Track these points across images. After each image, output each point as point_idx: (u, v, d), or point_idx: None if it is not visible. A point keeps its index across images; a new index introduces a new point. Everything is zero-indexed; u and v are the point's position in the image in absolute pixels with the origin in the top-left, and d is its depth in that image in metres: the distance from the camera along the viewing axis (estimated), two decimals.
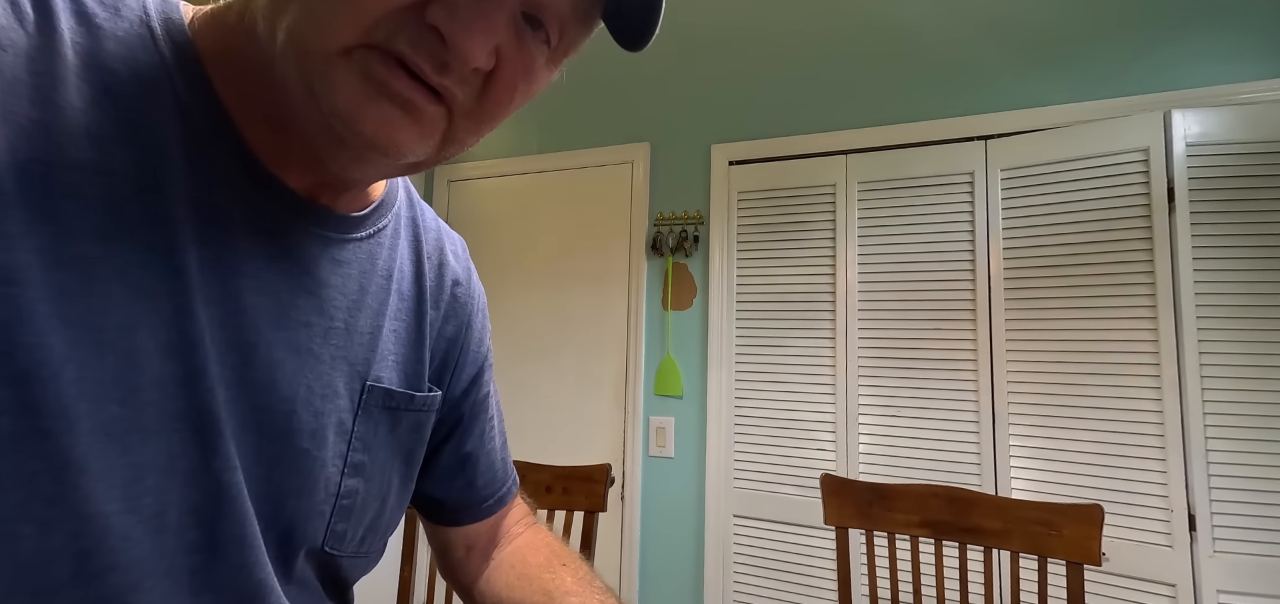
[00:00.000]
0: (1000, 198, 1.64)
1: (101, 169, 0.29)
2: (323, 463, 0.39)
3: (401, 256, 0.46)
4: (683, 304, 1.97)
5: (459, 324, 0.52)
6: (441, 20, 0.29)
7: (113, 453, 0.29)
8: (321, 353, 0.39)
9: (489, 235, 2.30)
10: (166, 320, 0.31)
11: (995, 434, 1.59)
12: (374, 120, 0.30)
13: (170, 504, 0.32)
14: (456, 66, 0.30)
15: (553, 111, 2.23)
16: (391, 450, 0.45)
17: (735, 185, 1.94)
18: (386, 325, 0.44)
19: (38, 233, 0.27)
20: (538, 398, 2.16)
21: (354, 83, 0.29)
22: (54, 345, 0.27)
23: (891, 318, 1.73)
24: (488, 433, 0.57)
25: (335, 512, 0.41)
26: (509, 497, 0.60)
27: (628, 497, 2.00)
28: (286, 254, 0.37)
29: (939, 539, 1.15)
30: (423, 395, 0.47)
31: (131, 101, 0.31)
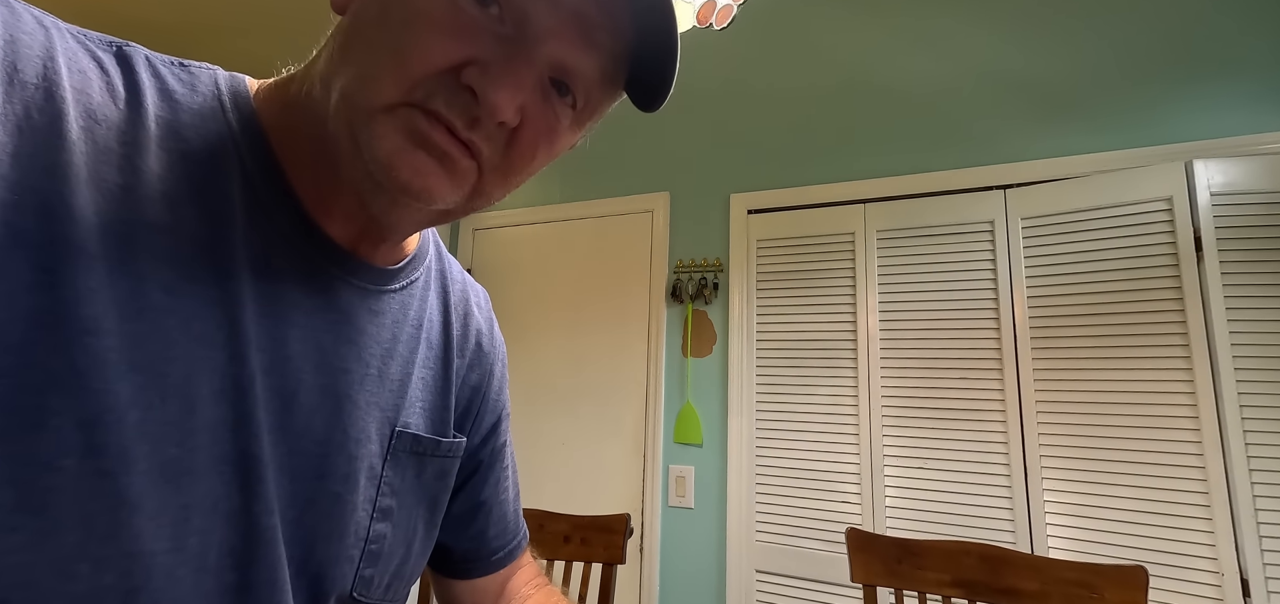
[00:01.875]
0: (1022, 246, 1.63)
1: (173, 227, 0.32)
2: (353, 506, 0.40)
3: (431, 307, 0.49)
4: (702, 351, 1.97)
5: (482, 373, 0.54)
6: (474, 79, 0.32)
7: (166, 493, 0.30)
8: (357, 398, 0.41)
9: (512, 282, 2.33)
10: (221, 367, 0.33)
11: (1028, 489, 1.54)
12: (410, 168, 0.33)
13: (212, 545, 0.33)
14: (485, 121, 0.33)
15: (575, 162, 2.29)
16: (417, 496, 0.46)
17: (754, 233, 1.95)
18: (416, 373, 0.46)
19: (117, 287, 0.29)
20: (557, 444, 2.14)
21: (395, 135, 0.32)
22: (121, 391, 0.29)
23: (915, 366, 1.70)
24: (502, 483, 0.58)
25: (364, 557, 0.42)
26: (519, 551, 0.60)
27: (646, 548, 1.96)
28: (329, 304, 0.39)
29: (972, 600, 1.11)
30: (448, 441, 0.48)
31: (201, 165, 0.34)
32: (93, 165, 0.30)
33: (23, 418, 0.26)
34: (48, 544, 0.27)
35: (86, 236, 0.28)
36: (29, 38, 0.29)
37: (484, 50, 0.32)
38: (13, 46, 0.28)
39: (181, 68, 0.36)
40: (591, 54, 0.35)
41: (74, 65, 0.30)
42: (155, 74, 0.34)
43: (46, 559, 0.27)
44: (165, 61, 0.35)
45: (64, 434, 0.27)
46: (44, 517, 0.27)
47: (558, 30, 0.33)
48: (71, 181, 0.28)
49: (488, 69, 0.32)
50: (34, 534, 0.26)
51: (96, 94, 0.31)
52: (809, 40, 1.97)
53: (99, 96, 0.31)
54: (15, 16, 0.29)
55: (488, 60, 0.32)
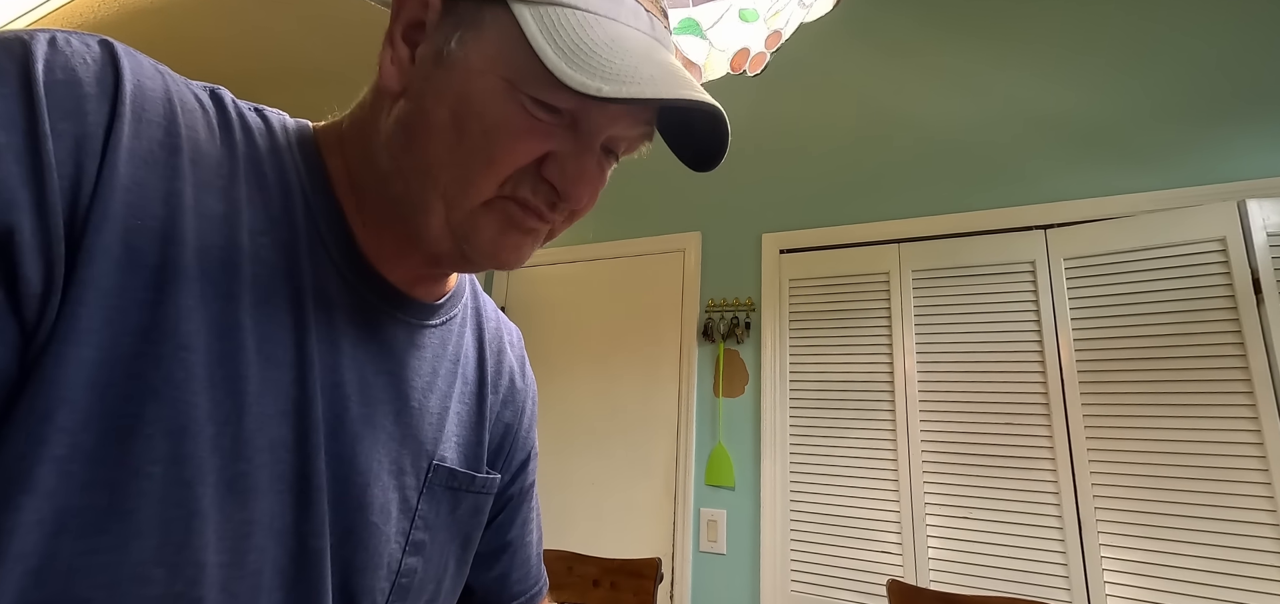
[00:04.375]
0: (1066, 287, 1.58)
1: (255, 255, 0.35)
2: (387, 538, 0.41)
3: (467, 343, 0.50)
4: (734, 391, 1.94)
5: (515, 411, 0.55)
6: (555, 177, 0.37)
7: (231, 507, 0.32)
8: (394, 431, 0.42)
9: (544, 321, 2.36)
10: (287, 388, 0.35)
11: (1083, 543, 1.45)
12: (509, 249, 0.39)
13: (266, 563, 0.34)
14: (563, 208, 0.39)
15: (607, 202, 2.32)
16: (450, 532, 0.46)
17: (787, 273, 1.94)
18: (453, 407, 0.47)
19: (209, 307, 0.32)
20: (586, 485, 2.13)
21: (495, 225, 0.38)
22: (202, 404, 0.31)
23: (956, 410, 1.65)
24: (527, 524, 0.57)
25: (394, 590, 0.42)
26: (539, 597, 0.59)
27: (677, 595, 1.91)
28: (374, 337, 0.41)
29: None
30: (483, 477, 0.49)
31: (275, 201, 0.37)
32: (197, 194, 0.33)
33: (124, 426, 0.28)
34: (131, 547, 0.28)
35: (190, 260, 0.31)
36: (150, 81, 0.32)
37: (557, 144, 0.37)
38: (140, 90, 0.31)
39: (257, 111, 0.40)
40: (638, 127, 0.40)
41: (185, 104, 0.34)
42: (240, 115, 0.38)
43: (128, 562, 0.28)
44: (246, 105, 0.39)
45: (154, 442, 0.29)
46: (130, 521, 0.28)
47: (610, 122, 0.38)
48: (183, 210, 0.32)
49: (564, 165, 0.37)
50: (120, 537, 0.28)
51: (201, 130, 0.34)
52: (842, 82, 1.99)
53: (204, 133, 0.34)
54: (138, 63, 0.32)
55: (561, 153, 0.37)
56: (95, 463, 0.27)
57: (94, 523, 0.27)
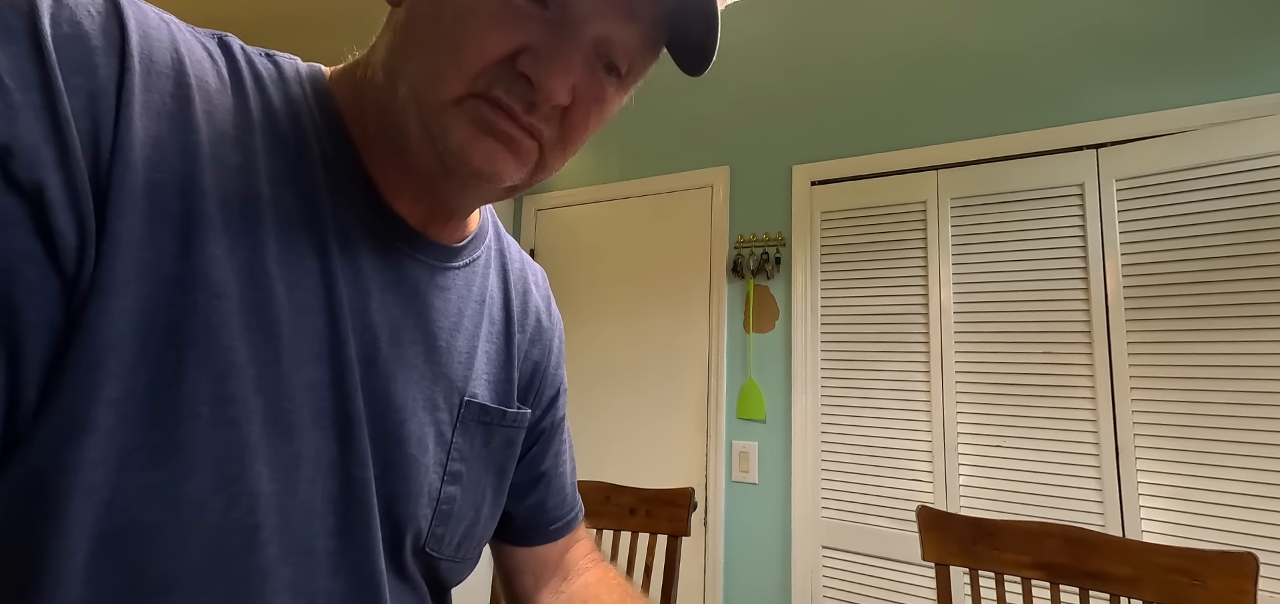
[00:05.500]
0: (1116, 210, 1.51)
1: (276, 204, 0.35)
2: (426, 469, 0.43)
3: (492, 284, 0.51)
4: (765, 327, 1.95)
5: (542, 348, 0.56)
6: (529, 67, 0.34)
7: (279, 442, 0.34)
8: (426, 370, 0.43)
9: (573, 261, 2.38)
10: (320, 331, 0.36)
11: (1120, 470, 1.44)
12: (481, 155, 0.36)
13: (317, 493, 0.36)
14: (542, 105, 0.36)
15: (633, 139, 2.29)
16: (485, 463, 0.49)
17: (818, 205, 1.90)
18: (480, 347, 0.48)
19: (236, 256, 0.33)
20: (620, 420, 2.19)
21: (465, 126, 0.35)
22: (241, 348, 0.32)
23: (993, 341, 1.62)
24: (561, 456, 0.60)
25: (435, 516, 0.45)
26: (575, 522, 0.62)
27: (711, 522, 1.98)
28: (400, 280, 0.42)
29: (1055, 583, 1.06)
30: (513, 412, 0.51)
31: (290, 147, 0.37)
32: (215, 146, 0.33)
33: (168, 370, 0.30)
34: (190, 479, 0.31)
35: (213, 211, 0.32)
36: (156, 32, 0.32)
37: (534, 37, 0.34)
38: (146, 41, 0.31)
39: (268, 58, 0.39)
40: (633, 26, 0.36)
41: (192, 55, 0.34)
42: (250, 63, 0.37)
43: (188, 492, 0.31)
44: (256, 52, 0.39)
45: (200, 385, 0.31)
46: (186, 456, 0.30)
47: (601, 10, 0.35)
48: (201, 161, 0.32)
49: (539, 55, 0.34)
50: (178, 470, 0.30)
51: (212, 81, 0.34)
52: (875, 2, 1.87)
53: (214, 83, 0.34)
54: (143, 13, 0.32)
55: (538, 46, 0.34)
56: (148, 405, 0.30)
57: (154, 459, 0.30)
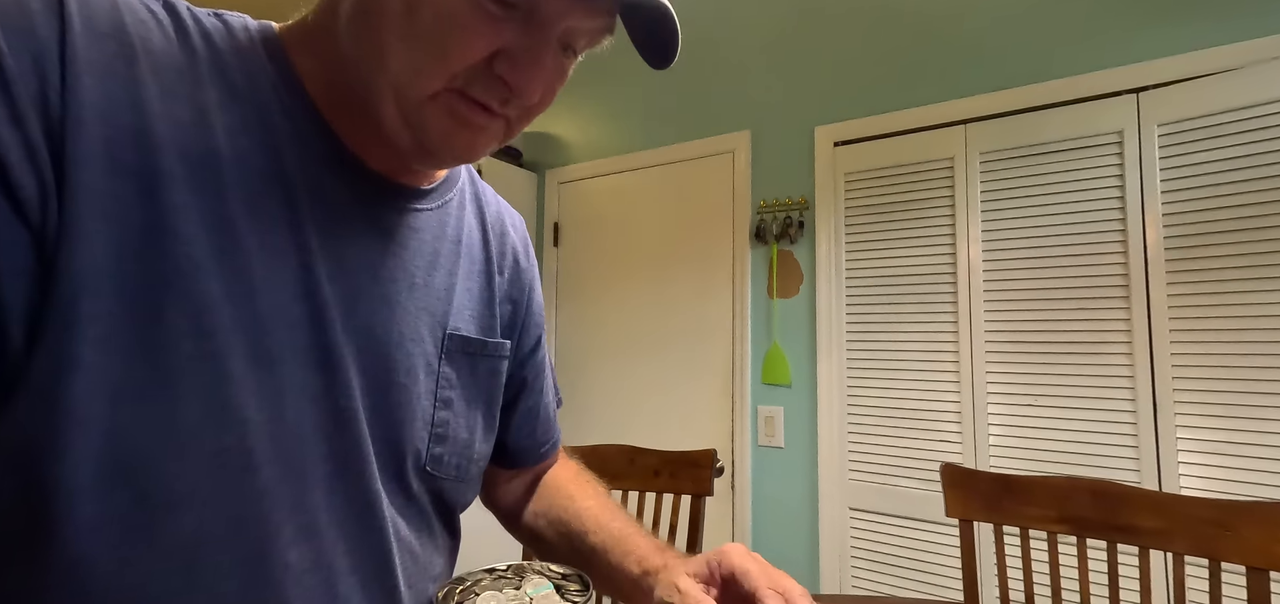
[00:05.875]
0: (1157, 157, 1.44)
1: (237, 156, 0.37)
2: (417, 395, 0.47)
3: (469, 225, 0.54)
4: (789, 291, 1.94)
5: (521, 289, 0.60)
6: (505, 71, 0.37)
7: (262, 374, 0.37)
8: (407, 304, 0.46)
9: (597, 232, 2.40)
10: (295, 274, 0.39)
11: (1158, 426, 1.40)
12: (462, 144, 0.40)
13: (305, 420, 0.39)
14: (516, 101, 0.39)
15: (654, 107, 2.28)
16: (474, 391, 0.52)
17: (841, 167, 1.87)
18: (459, 283, 0.52)
19: (199, 207, 0.35)
20: (646, 387, 2.22)
21: (444, 119, 0.38)
22: (215, 290, 0.35)
23: (1024, 299, 1.58)
24: (546, 390, 0.66)
25: (432, 438, 0.48)
26: (557, 446, 0.69)
27: (738, 487, 2.00)
28: (373, 222, 0.45)
29: (1082, 536, 1.05)
30: (495, 342, 0.54)
31: (247, 101, 0.39)
32: (164, 103, 0.35)
33: (147, 311, 0.33)
34: (179, 411, 0.34)
35: (172, 163, 0.34)
36: None
37: (508, 40, 0.37)
38: (85, 4, 0.32)
39: (216, 16, 0.40)
40: (595, 17, 0.38)
41: (135, 16, 0.35)
42: (196, 20, 0.39)
43: (180, 422, 0.34)
44: (203, 12, 0.40)
45: (178, 322, 0.34)
46: (173, 388, 0.34)
47: (565, 10, 0.37)
48: (151, 116, 0.34)
49: (516, 60, 0.37)
50: (168, 402, 0.33)
51: (156, 39, 0.35)
52: None
53: (159, 41, 0.36)
54: None
55: (513, 50, 0.37)
56: (131, 342, 0.32)
57: (143, 392, 0.33)
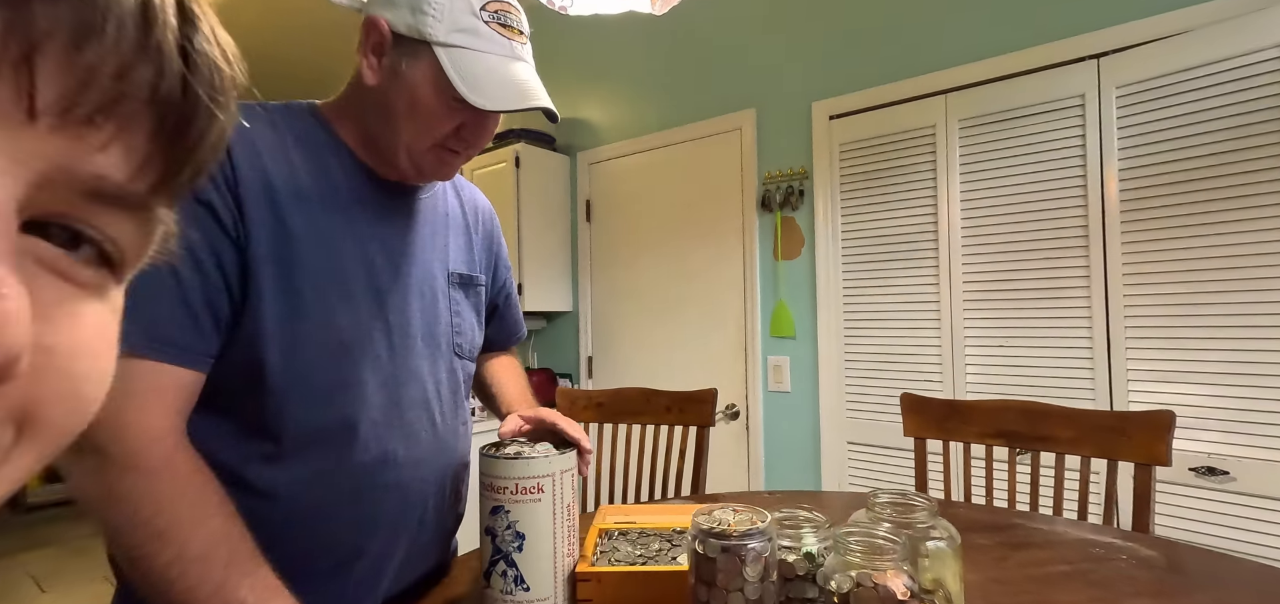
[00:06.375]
0: (1115, 118, 1.59)
1: (312, 184, 0.69)
2: (441, 311, 0.80)
3: (450, 203, 0.85)
4: (792, 254, 2.17)
5: (491, 245, 0.93)
6: (467, 138, 0.72)
7: (345, 303, 0.69)
8: (421, 257, 0.78)
9: (622, 205, 2.67)
10: (357, 246, 0.71)
11: (1110, 358, 1.59)
12: (442, 173, 0.75)
13: (394, 322, 0.74)
14: (472, 150, 0.74)
15: (669, 90, 2.50)
16: (470, 307, 0.86)
17: (836, 138, 2.06)
18: (451, 240, 0.83)
19: (300, 214, 0.67)
20: (670, 342, 2.50)
21: (433, 161, 0.72)
22: (319, 264, 0.67)
23: (996, 251, 1.77)
24: (511, 307, 1.01)
25: (454, 331, 0.82)
26: (518, 341, 1.05)
27: (751, 428, 2.28)
28: (396, 211, 0.77)
29: (1011, 447, 1.27)
30: (478, 277, 0.88)
31: (312, 151, 0.71)
32: (272, 161, 0.66)
33: (287, 274, 0.65)
34: (306, 324, 0.66)
35: (283, 194, 0.66)
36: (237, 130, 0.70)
37: (466, 119, 0.70)
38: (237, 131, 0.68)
39: (287, 106, 0.73)
40: None
41: (248, 113, 0.65)
42: (275, 111, 0.70)
43: (305, 330, 0.66)
44: (275, 104, 0.70)
45: (301, 279, 0.66)
46: (303, 313, 0.66)
47: (496, 112, 0.71)
48: (268, 171, 0.65)
49: (472, 131, 0.71)
50: (301, 321, 0.65)
51: (261, 125, 0.67)
52: None
53: (263, 127, 0.67)
54: None
55: (469, 125, 0.70)
56: (281, 291, 0.64)
57: (290, 315, 0.65)
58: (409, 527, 0.76)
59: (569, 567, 0.72)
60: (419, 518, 0.77)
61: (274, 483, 0.65)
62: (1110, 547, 0.88)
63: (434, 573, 0.84)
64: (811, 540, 0.65)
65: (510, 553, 0.69)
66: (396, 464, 0.72)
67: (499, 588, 0.70)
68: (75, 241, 0.18)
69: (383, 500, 0.72)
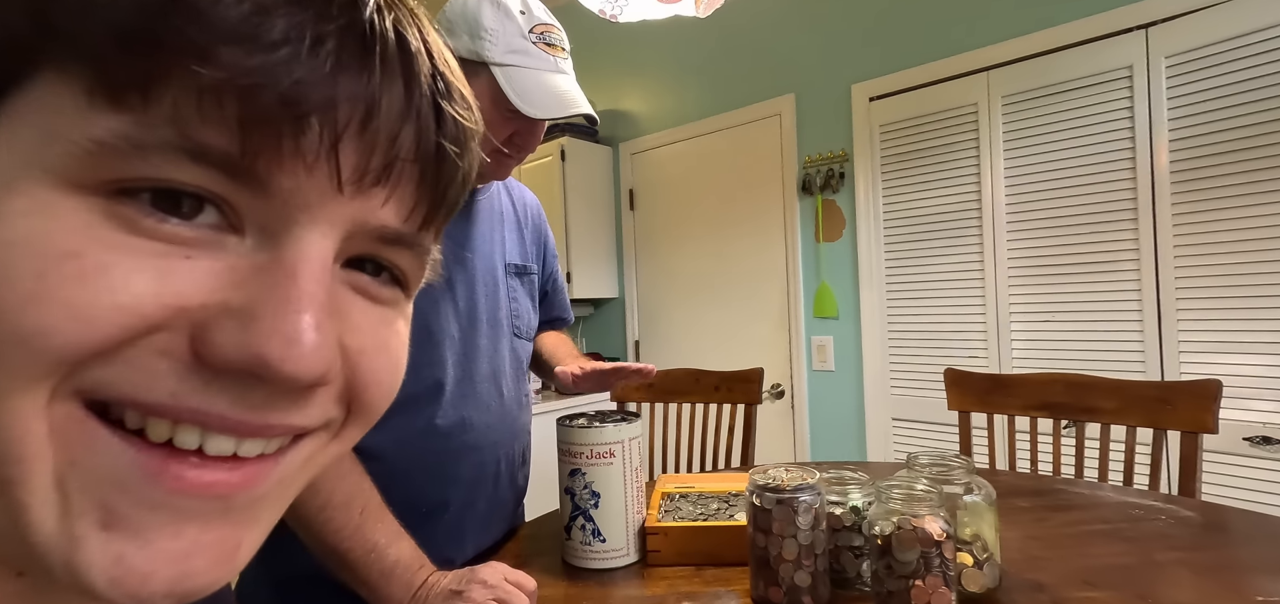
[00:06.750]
0: (1165, 88, 1.57)
1: None
2: (502, 297, 0.92)
3: (503, 203, 0.96)
4: (833, 236, 2.20)
5: (540, 240, 1.03)
6: (521, 141, 0.82)
7: (439, 303, 0.82)
8: (482, 250, 0.89)
9: (664, 194, 2.74)
10: (443, 257, 0.83)
11: (1161, 330, 1.59)
12: (500, 174, 0.86)
13: (468, 308, 0.85)
14: (523, 152, 0.84)
15: (708, 78, 2.56)
16: (526, 291, 0.97)
17: (876, 120, 2.09)
18: (507, 235, 0.95)
19: None
20: (714, 326, 2.58)
21: (492, 165, 0.80)
22: None
23: (1042, 226, 1.77)
24: (560, 293, 1.11)
25: (513, 314, 0.94)
26: (566, 324, 1.14)
27: (796, 407, 2.34)
28: (461, 213, 0.87)
29: (1056, 418, 1.30)
30: (529, 266, 0.99)
31: None
32: None
33: None
34: (438, 317, 0.79)
35: None
36: None
37: (518, 127, 0.80)
38: None
39: None
40: None
41: None
42: None
43: (438, 325, 0.79)
44: None
45: None
46: (432, 309, 0.79)
47: (544, 120, 0.82)
48: None
49: (525, 138, 0.82)
50: (433, 313, 0.78)
51: None
52: None
53: None
54: None
55: (521, 132, 0.81)
56: None
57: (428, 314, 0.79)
58: (485, 484, 0.88)
59: (639, 522, 0.82)
60: (494, 476, 0.89)
61: (373, 445, 0.76)
62: (1150, 509, 0.92)
63: (509, 536, 0.96)
64: (857, 496, 0.73)
65: (588, 509, 0.80)
66: (472, 428, 0.84)
67: (579, 540, 0.80)
68: (377, 270, 0.24)
69: (461, 459, 0.84)
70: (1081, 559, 0.76)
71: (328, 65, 0.19)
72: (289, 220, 0.20)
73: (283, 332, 0.19)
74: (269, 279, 0.19)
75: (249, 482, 0.21)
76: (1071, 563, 0.75)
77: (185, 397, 0.19)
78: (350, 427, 0.24)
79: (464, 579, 0.66)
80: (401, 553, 0.67)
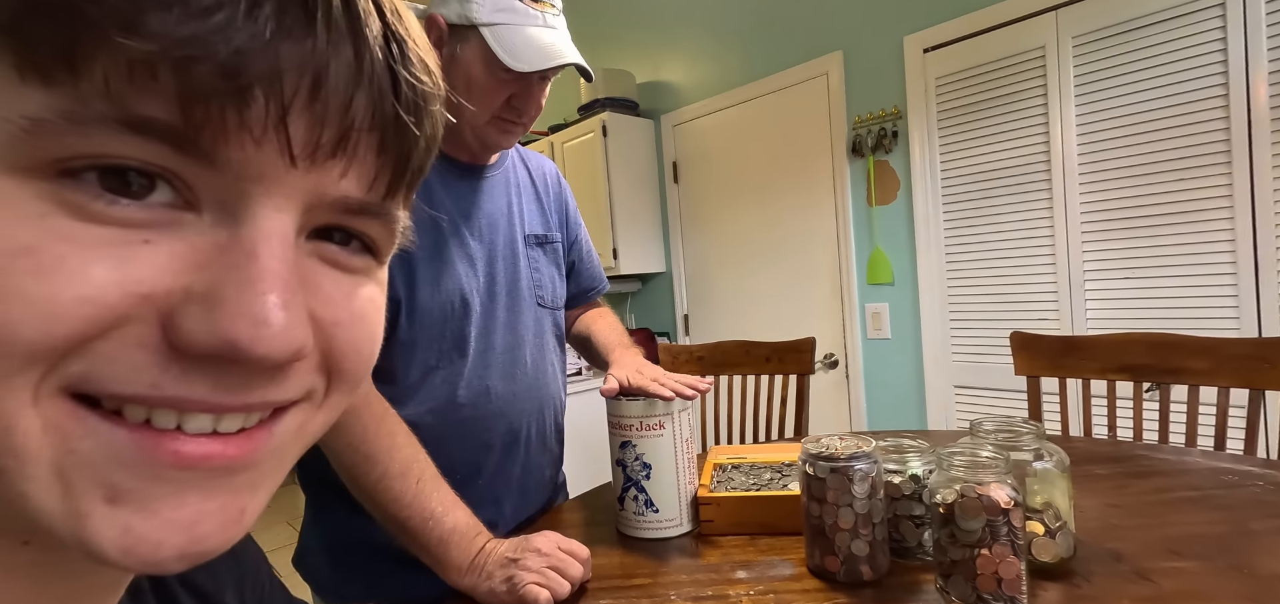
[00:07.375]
0: (1264, 13, 1.42)
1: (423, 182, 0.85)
2: (523, 268, 0.92)
3: (520, 174, 0.97)
4: (887, 198, 2.11)
5: (561, 207, 1.03)
6: (519, 105, 0.83)
7: (444, 268, 0.82)
8: (500, 223, 0.90)
9: (709, 163, 2.70)
10: (452, 228, 0.84)
11: (1259, 282, 1.45)
12: (503, 142, 0.87)
13: (487, 279, 0.87)
14: (525, 118, 0.85)
15: (750, 41, 2.48)
16: (549, 261, 0.97)
17: (931, 72, 1.97)
18: (525, 205, 0.96)
19: (417, 211, 0.81)
20: (764, 295, 2.53)
21: (494, 132, 0.84)
22: (423, 238, 0.79)
23: (1120, 176, 1.64)
24: (589, 260, 1.09)
25: (535, 283, 0.94)
26: (596, 295, 1.12)
27: (851, 376, 2.28)
28: (474, 187, 0.89)
29: (1138, 382, 1.21)
30: (552, 234, 0.99)
31: None
32: None
33: (406, 269, 0.79)
34: (442, 287, 0.80)
35: None
36: None
37: (515, 90, 0.81)
38: None
39: None
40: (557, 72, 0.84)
41: None
42: None
43: (442, 293, 0.81)
44: None
45: (424, 256, 0.79)
46: (442, 290, 0.81)
47: (540, 75, 0.83)
48: None
49: (523, 101, 0.83)
50: (436, 282, 0.80)
51: None
52: None
53: None
54: None
55: (519, 94, 0.82)
56: (421, 268, 0.80)
57: (440, 284, 0.81)
58: (516, 450, 0.90)
59: (691, 493, 0.82)
60: (524, 441, 0.91)
61: (409, 415, 0.78)
62: (1245, 474, 0.85)
63: (550, 503, 0.99)
64: (917, 464, 0.70)
65: (640, 481, 0.80)
66: (496, 396, 0.86)
67: (632, 511, 0.81)
68: (347, 239, 0.23)
69: (489, 425, 0.86)
70: (1166, 528, 0.71)
71: (267, 31, 0.18)
72: (243, 195, 0.19)
73: (250, 314, 0.19)
74: (230, 259, 0.19)
75: (245, 452, 0.21)
76: (1154, 531, 0.70)
77: (166, 387, 0.19)
78: (334, 394, 0.24)
79: (519, 547, 0.68)
80: (458, 521, 0.69)
